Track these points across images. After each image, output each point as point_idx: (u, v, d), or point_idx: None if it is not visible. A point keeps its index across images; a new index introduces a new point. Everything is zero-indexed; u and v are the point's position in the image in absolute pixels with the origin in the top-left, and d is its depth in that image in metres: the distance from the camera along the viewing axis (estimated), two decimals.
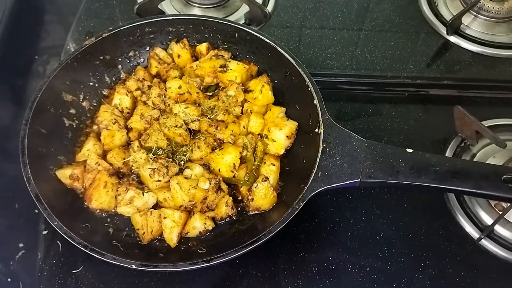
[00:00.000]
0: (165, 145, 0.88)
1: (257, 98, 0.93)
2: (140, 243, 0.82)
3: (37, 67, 1.12)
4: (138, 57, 1.04)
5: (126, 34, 0.98)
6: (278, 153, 0.91)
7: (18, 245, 0.84)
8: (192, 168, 0.87)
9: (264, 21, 1.18)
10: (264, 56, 0.99)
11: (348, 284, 0.82)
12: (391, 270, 0.83)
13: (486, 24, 1.18)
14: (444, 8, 1.23)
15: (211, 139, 0.90)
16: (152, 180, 0.84)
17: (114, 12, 1.21)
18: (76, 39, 1.13)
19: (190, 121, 0.91)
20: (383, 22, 1.21)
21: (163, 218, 0.82)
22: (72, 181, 0.85)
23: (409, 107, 1.05)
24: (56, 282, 0.81)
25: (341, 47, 1.14)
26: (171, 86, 0.94)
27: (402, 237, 0.87)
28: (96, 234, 0.81)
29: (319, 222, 0.89)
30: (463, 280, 0.82)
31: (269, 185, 0.85)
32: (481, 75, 1.11)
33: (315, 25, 1.19)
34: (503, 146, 0.88)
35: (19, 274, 0.82)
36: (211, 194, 0.83)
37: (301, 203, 0.76)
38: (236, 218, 0.86)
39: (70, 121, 0.93)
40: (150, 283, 0.81)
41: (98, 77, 0.99)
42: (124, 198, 0.84)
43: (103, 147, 0.90)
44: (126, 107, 0.96)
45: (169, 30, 1.02)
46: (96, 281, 0.81)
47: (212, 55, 1.00)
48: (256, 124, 0.92)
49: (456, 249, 0.86)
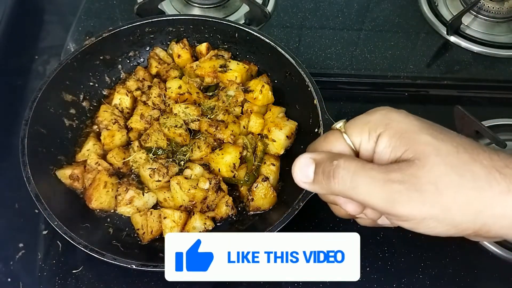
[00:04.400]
0: (165, 145, 0.88)
1: (257, 98, 0.93)
2: (140, 243, 0.82)
3: (37, 67, 1.12)
4: (138, 57, 1.04)
5: (126, 34, 0.98)
6: (278, 153, 0.91)
7: (18, 245, 0.84)
8: (192, 168, 0.87)
9: (264, 21, 1.18)
10: (264, 56, 0.99)
11: (347, 284, 0.82)
12: (391, 270, 0.83)
13: (486, 24, 1.18)
14: (444, 8, 1.23)
15: (211, 139, 0.90)
16: (152, 180, 0.84)
17: (114, 12, 1.21)
18: (76, 39, 1.13)
19: (190, 121, 0.91)
20: (383, 22, 1.21)
21: (163, 218, 0.82)
22: (72, 181, 0.85)
23: (409, 107, 1.03)
24: (56, 282, 0.81)
25: (341, 47, 1.14)
26: (171, 86, 0.94)
27: (402, 237, 0.87)
28: (96, 234, 0.81)
29: (319, 222, 0.89)
30: (463, 280, 0.82)
31: (269, 185, 0.85)
32: (481, 75, 1.11)
33: (315, 25, 1.19)
34: (503, 146, 0.88)
35: (19, 274, 0.82)
36: (211, 194, 0.84)
37: (301, 203, 0.76)
38: (236, 218, 0.86)
39: (70, 121, 0.93)
40: (150, 283, 0.81)
41: (98, 77, 0.99)
42: (124, 198, 0.84)
43: (103, 147, 0.91)
44: (126, 107, 0.96)
45: (169, 30, 1.02)
46: (96, 281, 0.81)
47: (212, 55, 1.00)
48: (256, 124, 0.92)
49: (456, 249, 0.86)
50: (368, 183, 0.42)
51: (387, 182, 0.42)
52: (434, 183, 0.41)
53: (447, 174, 0.41)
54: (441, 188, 0.40)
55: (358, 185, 0.43)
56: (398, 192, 0.41)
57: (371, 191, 0.42)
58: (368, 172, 0.43)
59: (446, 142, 0.43)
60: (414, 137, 0.43)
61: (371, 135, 0.46)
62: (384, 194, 0.41)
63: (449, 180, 0.41)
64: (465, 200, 0.40)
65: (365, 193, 0.42)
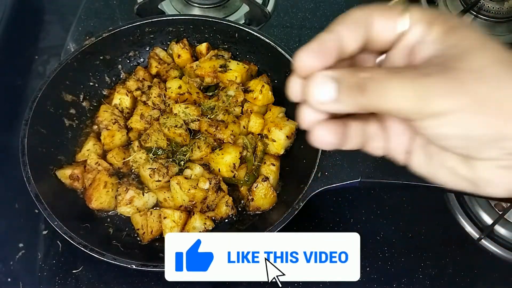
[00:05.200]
0: (165, 145, 0.88)
1: (257, 98, 0.93)
2: (140, 243, 0.82)
3: (37, 67, 1.12)
4: (138, 57, 1.04)
5: (126, 34, 0.98)
6: (278, 153, 0.91)
7: (18, 245, 0.84)
8: (192, 168, 0.87)
9: (264, 21, 1.17)
10: (264, 56, 0.99)
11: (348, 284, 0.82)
12: (391, 270, 0.84)
13: (486, 24, 1.18)
14: (444, 8, 1.23)
15: (211, 139, 0.90)
16: (152, 180, 0.84)
17: (114, 12, 1.21)
18: (76, 39, 1.13)
19: (190, 121, 0.91)
20: None
21: (163, 218, 0.82)
22: (72, 181, 0.85)
23: None
24: (56, 282, 0.81)
25: None
26: (171, 86, 0.94)
27: (402, 237, 0.87)
28: (96, 234, 0.81)
29: (319, 222, 0.89)
30: (463, 280, 0.83)
31: (269, 185, 0.85)
32: None
33: (315, 25, 1.19)
34: None
35: (19, 274, 0.82)
36: (211, 194, 0.84)
37: (301, 203, 0.76)
38: (236, 218, 0.86)
39: (70, 121, 0.93)
40: (150, 283, 0.81)
41: (98, 77, 0.99)
42: (124, 198, 0.84)
43: (103, 147, 0.91)
44: (126, 107, 0.96)
45: (169, 30, 1.02)
46: (96, 281, 0.81)
47: (212, 55, 1.00)
48: (256, 124, 0.92)
49: (456, 249, 0.86)
50: (401, 85, 0.36)
51: (422, 76, 0.36)
52: (476, 72, 0.36)
53: (491, 66, 0.36)
54: (483, 78, 0.36)
55: (389, 90, 0.37)
56: (435, 84, 0.36)
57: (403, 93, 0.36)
58: (401, 73, 0.37)
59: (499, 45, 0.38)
60: (467, 34, 0.38)
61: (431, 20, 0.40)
62: (418, 88, 0.36)
63: (493, 72, 0.36)
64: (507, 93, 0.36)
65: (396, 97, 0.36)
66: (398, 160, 0.45)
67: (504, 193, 0.40)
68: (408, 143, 0.44)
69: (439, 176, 0.42)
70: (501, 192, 0.40)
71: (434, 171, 0.43)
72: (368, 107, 0.39)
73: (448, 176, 0.42)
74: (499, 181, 0.39)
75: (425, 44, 0.40)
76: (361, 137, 0.45)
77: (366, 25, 0.41)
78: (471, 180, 0.40)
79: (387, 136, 0.45)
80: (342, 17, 0.41)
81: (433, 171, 0.43)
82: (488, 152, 0.38)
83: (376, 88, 0.37)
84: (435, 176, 0.43)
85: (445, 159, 0.41)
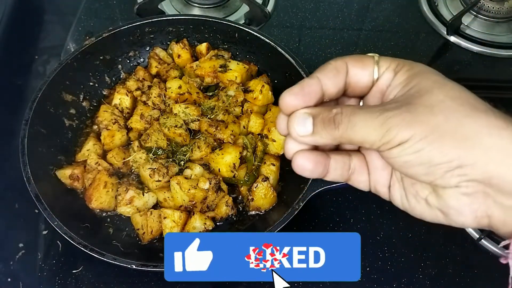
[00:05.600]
0: (165, 145, 0.88)
1: (257, 98, 0.93)
2: (140, 243, 0.82)
3: (37, 67, 1.12)
4: (138, 57, 1.04)
5: (126, 34, 0.98)
6: (278, 153, 0.91)
7: (18, 245, 0.84)
8: (192, 168, 0.87)
9: (264, 21, 1.18)
10: (264, 56, 0.99)
11: (348, 284, 0.82)
12: (391, 270, 0.84)
13: (486, 24, 1.18)
14: (444, 8, 1.23)
15: (211, 139, 0.90)
16: (152, 180, 0.84)
17: (114, 12, 1.21)
18: (76, 39, 1.13)
19: (190, 121, 0.91)
20: (383, 22, 1.21)
21: (163, 218, 0.82)
22: (72, 181, 0.85)
23: None
24: (56, 282, 0.81)
25: (341, 47, 1.14)
26: (171, 86, 0.94)
27: (402, 237, 0.87)
28: (96, 234, 0.81)
29: (319, 222, 0.89)
30: (463, 280, 0.82)
31: (269, 185, 0.85)
32: (481, 75, 1.11)
33: (315, 25, 1.19)
34: None
35: (19, 274, 0.82)
36: (211, 194, 0.84)
37: (301, 203, 0.76)
38: (236, 218, 0.86)
39: (70, 121, 0.93)
40: (150, 283, 0.81)
41: (98, 77, 0.99)
42: (124, 198, 0.84)
43: (103, 147, 0.91)
44: (126, 107, 0.96)
45: (169, 30, 1.02)
46: (96, 281, 0.81)
47: (212, 55, 1.00)
48: (256, 124, 0.92)
49: (456, 249, 0.86)
50: (365, 118, 0.42)
51: (384, 110, 0.41)
52: (430, 106, 0.40)
53: (444, 101, 0.41)
54: (435, 111, 0.40)
55: (356, 123, 0.42)
56: (394, 116, 0.40)
57: (367, 124, 0.42)
58: (366, 109, 0.43)
59: (455, 84, 0.43)
60: (427, 76, 0.43)
61: (398, 67, 0.46)
62: (381, 120, 0.41)
63: (446, 106, 0.41)
64: (458, 123, 0.40)
65: (361, 128, 0.42)
66: (382, 195, 0.50)
67: (473, 222, 0.44)
68: (388, 177, 0.48)
69: (418, 209, 0.46)
70: (471, 222, 0.44)
71: (413, 204, 0.46)
72: (341, 139, 0.44)
73: (425, 209, 0.46)
74: (466, 209, 0.42)
75: (393, 88, 0.45)
76: (343, 169, 0.49)
77: (343, 73, 0.47)
78: (442, 210, 0.44)
79: (369, 171, 0.49)
80: (322, 66, 0.48)
81: (411, 204, 0.47)
82: (449, 179, 0.41)
83: (345, 121, 0.43)
84: (414, 209, 0.47)
85: (418, 189, 0.45)
